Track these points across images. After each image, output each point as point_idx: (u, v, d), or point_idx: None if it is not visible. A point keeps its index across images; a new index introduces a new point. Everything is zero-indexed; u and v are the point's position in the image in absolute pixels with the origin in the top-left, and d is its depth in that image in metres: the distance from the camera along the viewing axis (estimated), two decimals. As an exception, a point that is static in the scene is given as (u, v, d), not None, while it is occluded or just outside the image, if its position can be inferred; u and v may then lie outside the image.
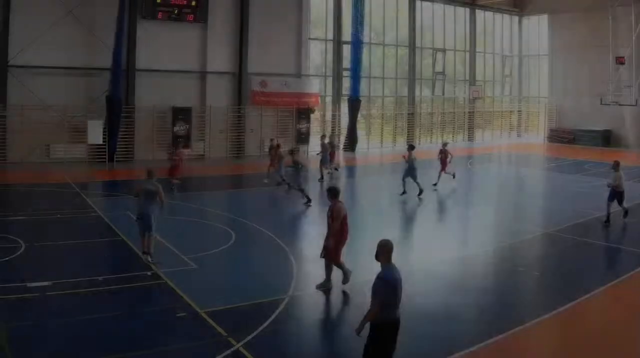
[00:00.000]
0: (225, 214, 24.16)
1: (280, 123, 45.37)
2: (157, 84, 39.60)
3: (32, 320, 12.30)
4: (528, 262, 18.12)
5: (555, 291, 15.52)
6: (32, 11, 35.68)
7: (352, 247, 15.84)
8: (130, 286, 14.67)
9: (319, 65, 49.88)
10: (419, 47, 53.89)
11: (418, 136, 53.69)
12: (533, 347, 12.37)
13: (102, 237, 19.84)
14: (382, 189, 31.91)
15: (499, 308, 14.10)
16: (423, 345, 11.78)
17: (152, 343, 11.58)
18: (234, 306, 13.52)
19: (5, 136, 35.69)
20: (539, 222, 24.18)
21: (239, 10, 43.08)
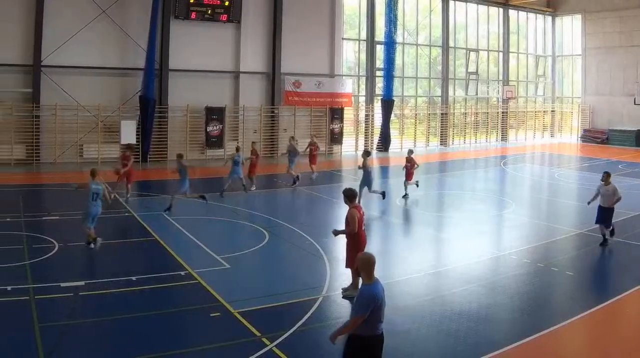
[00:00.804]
0: (258, 214, 23.14)
1: (313, 123, 43.84)
2: (190, 83, 38.43)
3: (65, 320, 11.94)
4: (561, 261, 17.41)
5: (589, 291, 15.27)
6: (65, 11, 34.59)
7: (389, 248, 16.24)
8: (163, 286, 14.29)
9: (352, 66, 48.28)
10: (452, 47, 52.00)
11: (451, 136, 51.98)
12: (567, 348, 11.93)
13: (135, 237, 19.46)
14: (416, 188, 30.21)
15: (533, 309, 13.57)
16: (457, 345, 11.34)
17: (186, 343, 11.20)
18: (267, 306, 13.14)
19: (38, 136, 34.51)
20: (572, 221, 23.27)
21: (272, 10, 41.61)
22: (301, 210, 25.22)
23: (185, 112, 38.46)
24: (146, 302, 13.47)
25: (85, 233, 17.31)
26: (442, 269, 16.07)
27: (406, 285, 14.58)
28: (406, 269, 15.92)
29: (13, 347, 10.77)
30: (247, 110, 40.86)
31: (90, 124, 35.72)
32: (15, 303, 12.83)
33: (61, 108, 34.79)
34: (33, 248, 16.99)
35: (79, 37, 34.61)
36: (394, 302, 12.82)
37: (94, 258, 16.73)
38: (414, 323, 12.23)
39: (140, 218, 21.58)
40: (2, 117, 32.45)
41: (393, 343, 10.44)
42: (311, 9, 43.17)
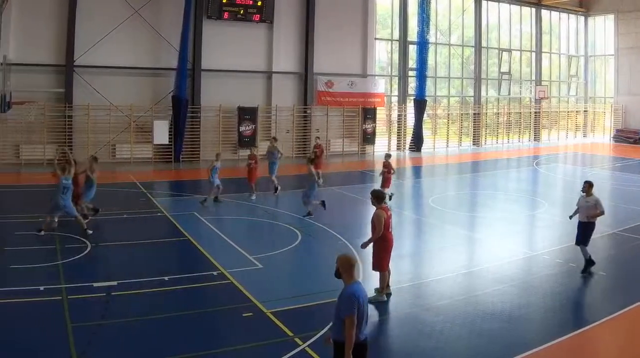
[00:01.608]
0: (291, 214, 22.20)
1: (345, 123, 42.06)
2: (222, 83, 36.94)
3: (98, 320, 11.63)
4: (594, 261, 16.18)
5: (622, 291, 14.41)
6: (98, 12, 33.38)
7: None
8: (196, 286, 13.91)
9: (385, 66, 46.31)
10: (484, 47, 49.73)
11: (484, 136, 49.83)
12: (599, 348, 11.63)
13: (168, 237, 18.79)
14: (448, 188, 30.00)
15: (565, 309, 13.23)
16: (490, 345, 11.04)
17: (218, 344, 10.90)
18: (299, 306, 12.74)
19: (71, 136, 33.23)
20: (605, 221, 21.03)
21: (304, 10, 39.88)
22: (333, 210, 23.57)
23: (218, 112, 36.98)
24: (178, 302, 13.11)
25: (46, 222, 17.66)
26: (474, 269, 15.58)
27: (439, 285, 14.20)
28: (439, 269, 15.45)
29: (46, 347, 10.48)
30: (280, 110, 39.28)
31: (123, 124, 34.43)
32: (47, 303, 12.47)
33: (93, 108, 33.50)
34: (66, 248, 16.46)
35: (112, 37, 33.38)
36: (427, 302, 12.99)
37: (127, 258, 16.19)
38: (446, 323, 11.83)
39: (173, 218, 20.80)
40: (34, 117, 31.27)
41: (427, 344, 10.76)
42: (344, 9, 41.37)
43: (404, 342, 11.35)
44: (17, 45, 31.46)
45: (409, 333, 11.62)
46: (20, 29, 31.69)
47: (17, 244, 16.77)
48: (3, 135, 31.99)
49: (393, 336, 11.91)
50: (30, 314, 11.96)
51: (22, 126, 31.87)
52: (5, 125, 31.79)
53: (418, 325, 11.74)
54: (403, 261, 16.03)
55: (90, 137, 33.58)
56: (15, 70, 29.23)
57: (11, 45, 30.87)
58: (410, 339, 11.35)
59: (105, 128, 33.97)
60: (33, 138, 32.42)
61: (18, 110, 30.11)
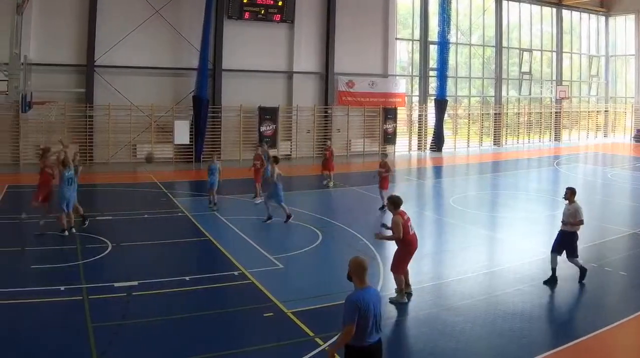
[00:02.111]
0: (312, 214, 21.43)
1: (366, 123, 40.68)
2: (243, 83, 35.78)
3: (119, 320, 11.25)
4: (614, 262, 16.15)
5: None
6: (118, 12, 32.41)
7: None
8: (216, 286, 13.49)
9: (406, 65, 44.76)
10: (505, 47, 48.12)
11: (504, 136, 48.27)
12: (620, 348, 11.21)
13: (189, 237, 18.21)
14: (469, 188, 29.00)
15: (585, 309, 12.87)
16: (510, 345, 10.69)
17: (239, 344, 10.56)
18: (320, 306, 12.24)
19: (92, 136, 32.28)
20: (625, 221, 21.59)
21: (325, 9, 38.57)
22: (354, 210, 23.20)
23: (239, 112, 35.81)
24: (199, 302, 12.70)
25: (61, 221, 17.12)
26: (495, 269, 15.10)
27: (460, 285, 13.74)
28: (460, 269, 14.94)
29: (66, 347, 10.15)
30: (301, 110, 38.01)
31: (144, 124, 33.38)
32: (68, 303, 12.13)
33: (114, 108, 32.50)
34: (86, 248, 15.99)
35: (132, 37, 32.41)
36: (448, 302, 12.60)
37: (148, 258, 15.78)
38: (467, 323, 11.45)
39: (194, 218, 20.17)
40: (55, 117, 30.21)
41: (448, 344, 10.45)
42: (364, 9, 39.97)
43: (425, 342, 10.87)
44: (38, 45, 30.48)
45: (430, 333, 11.15)
46: (40, 28, 30.77)
47: (38, 244, 16.37)
48: (24, 135, 31.06)
49: (413, 336, 11.42)
50: (51, 314, 11.62)
51: (43, 126, 30.83)
52: (26, 125, 30.89)
53: (439, 325, 11.37)
54: (424, 261, 15.52)
55: (110, 137, 32.61)
56: (35, 70, 28.16)
57: (32, 45, 29.83)
58: (431, 339, 10.91)
59: (126, 128, 32.96)
60: (54, 138, 31.34)
61: (39, 110, 29.03)
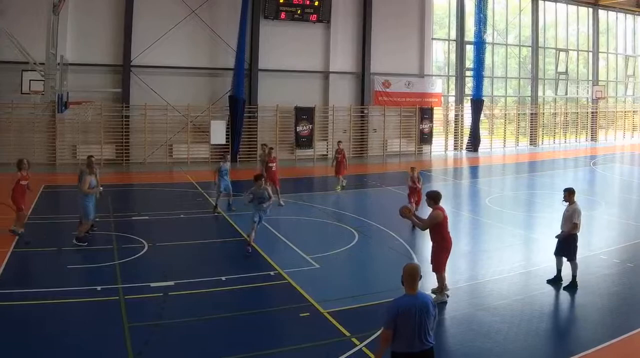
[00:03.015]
0: (348, 214, 20.47)
1: (403, 123, 38.20)
2: (279, 83, 33.63)
3: (155, 320, 10.70)
4: None
5: None
6: (155, 12, 30.52)
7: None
8: (253, 286, 12.81)
9: (442, 65, 42.11)
10: (541, 47, 45.09)
11: (541, 136, 45.32)
12: None
13: (225, 236, 17.42)
14: (505, 188, 27.71)
15: (622, 309, 11.85)
16: (546, 345, 10.17)
17: (275, 344, 10.08)
18: (357, 306, 11.70)
19: (128, 136, 30.43)
20: None
21: (361, 9, 36.17)
22: (391, 210, 21.64)
23: (275, 112, 33.69)
24: (235, 302, 12.13)
25: (85, 229, 15.63)
26: (531, 269, 14.19)
27: (496, 285, 13.02)
28: (496, 269, 14.14)
29: (103, 347, 9.63)
30: (337, 110, 35.69)
31: (180, 123, 31.44)
32: (105, 303, 11.53)
33: (150, 108, 30.60)
34: (122, 248, 15.27)
35: (168, 37, 30.50)
36: (485, 302, 11.97)
37: (184, 258, 14.95)
38: (503, 323, 10.89)
39: (230, 218, 19.13)
40: (92, 117, 28.61)
41: (484, 344, 10.01)
42: (401, 9, 37.50)
43: (461, 341, 10.22)
44: (74, 45, 28.77)
45: (466, 333, 10.52)
46: (77, 29, 29.05)
47: (74, 244, 15.29)
48: (60, 135, 29.33)
49: (450, 336, 10.70)
50: (87, 314, 11.10)
51: (79, 126, 29.18)
52: (62, 125, 29.18)
53: (475, 325, 10.76)
54: (460, 261, 14.70)
55: (147, 137, 30.76)
56: (72, 70, 26.50)
57: (68, 45, 28.08)
58: (467, 339, 10.29)
59: (162, 128, 31.07)
60: (90, 138, 29.72)
61: (75, 110, 27.62)
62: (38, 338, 9.85)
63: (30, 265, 14.13)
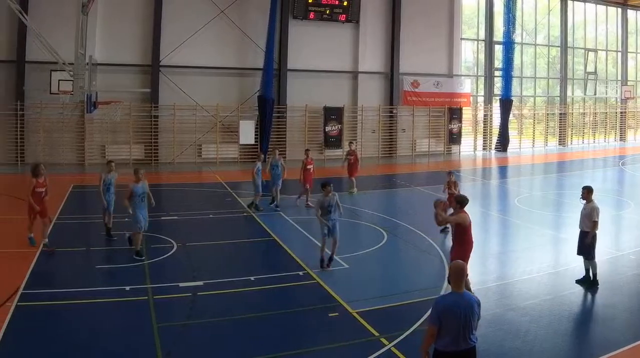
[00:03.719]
0: (377, 214, 19.61)
1: (431, 123, 36.20)
2: (308, 83, 31.87)
3: (184, 320, 10.18)
4: None
5: None
6: (184, 12, 28.96)
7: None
8: (282, 286, 12.27)
9: (471, 66, 39.88)
10: (570, 47, 42.64)
11: (570, 136, 42.84)
12: None
13: (254, 237, 16.59)
14: (534, 188, 26.43)
15: None
16: (575, 345, 9.66)
17: (304, 344, 9.47)
18: (385, 306, 11.14)
19: (157, 136, 28.93)
20: None
21: (390, 9, 34.21)
22: (420, 210, 20.47)
23: (304, 112, 31.93)
24: (264, 302, 11.59)
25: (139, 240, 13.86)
26: (560, 269, 13.55)
27: (525, 285, 12.41)
28: (525, 269, 13.46)
29: (132, 347, 9.16)
30: (366, 110, 33.77)
31: (209, 123, 29.80)
32: (133, 303, 11.08)
33: (179, 108, 29.02)
34: (151, 248, 14.42)
35: (197, 37, 28.94)
36: (514, 302, 11.43)
37: (213, 258, 14.32)
38: (532, 323, 10.33)
39: (259, 218, 18.34)
40: (121, 117, 27.17)
41: (513, 344, 9.45)
42: (430, 9, 35.42)
43: (490, 341, 9.59)
44: (103, 45, 27.33)
45: (495, 333, 9.97)
46: (106, 29, 27.62)
47: (103, 244, 14.97)
48: (89, 136, 27.91)
49: (480, 336, 9.08)
50: (116, 314, 10.60)
51: (108, 126, 27.73)
52: (91, 125, 27.75)
53: (504, 325, 10.30)
54: (489, 261, 14.25)
55: (176, 137, 29.18)
56: (101, 70, 25.16)
57: (97, 45, 26.67)
58: (496, 339, 9.76)
59: (191, 128, 29.48)
60: (119, 138, 28.31)
61: (104, 110, 26.24)
62: (67, 339, 9.38)
63: (59, 265, 13.31)
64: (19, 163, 26.76)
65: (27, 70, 26.67)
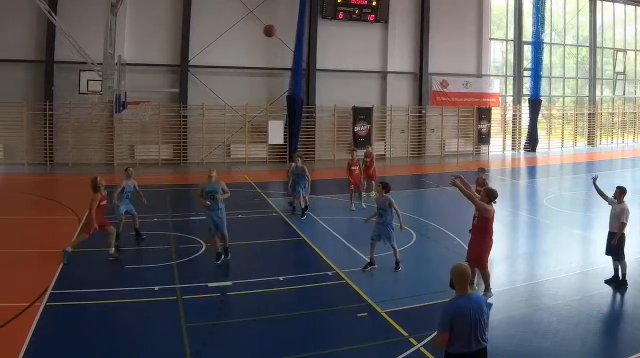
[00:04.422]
0: (406, 214, 17.38)
1: (460, 123, 34.32)
2: (337, 83, 30.06)
3: (213, 321, 9.39)
4: None
5: None
6: (213, 12, 27.39)
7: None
8: (310, 286, 11.50)
9: (500, 65, 37.68)
10: (599, 47, 40.26)
11: (599, 136, 40.45)
12: None
13: (283, 237, 15.84)
14: (563, 188, 25.04)
15: None
16: (604, 345, 9.04)
17: (333, 343, 8.87)
18: (414, 306, 10.22)
19: (186, 136, 27.36)
20: None
21: (419, 10, 32.29)
22: (448, 210, 19.90)
23: (333, 112, 30.20)
24: (293, 302, 10.88)
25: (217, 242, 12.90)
26: (589, 269, 12.65)
27: (554, 285, 11.60)
28: (554, 269, 12.59)
29: (160, 347, 8.50)
30: (395, 110, 31.90)
31: (237, 123, 28.18)
32: (162, 303, 10.37)
33: (208, 108, 27.45)
34: (180, 248, 13.82)
35: (226, 37, 27.39)
36: (543, 303, 10.53)
37: (242, 258, 13.30)
38: (561, 323, 9.50)
39: (288, 218, 17.32)
40: (149, 116, 25.88)
41: (542, 344, 8.80)
42: (458, 9, 33.42)
43: (519, 341, 9.00)
44: (132, 45, 25.93)
45: (524, 333, 9.31)
46: (134, 29, 26.20)
47: (132, 244, 14.09)
48: (118, 135, 26.44)
49: (508, 336, 9.40)
50: (145, 314, 9.92)
51: (137, 126, 26.28)
52: (120, 125, 26.28)
53: (533, 325, 9.60)
54: (518, 261, 13.59)
55: (204, 137, 27.63)
56: (129, 70, 23.82)
57: (126, 45, 25.30)
58: (525, 339, 9.08)
59: (220, 128, 27.88)
60: (147, 138, 26.84)
61: (133, 110, 24.91)
62: (95, 339, 8.85)
63: (88, 265, 12.51)
64: (47, 163, 25.46)
65: (56, 70, 25.38)
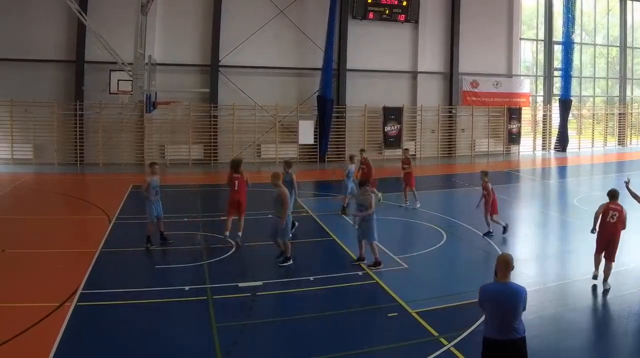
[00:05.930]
0: (436, 214, 17.06)
1: (491, 123, 31.06)
2: (367, 83, 27.16)
3: (243, 321, 8.70)
4: None
5: None
6: (243, 12, 24.78)
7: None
8: (341, 286, 10.36)
9: (530, 66, 34.13)
10: (630, 46, 36.22)
11: (629, 136, 36.49)
12: None
13: (313, 237, 14.45)
14: (594, 188, 22.20)
15: None
16: (635, 344, 8.28)
17: (364, 344, 8.16)
18: (445, 306, 9.32)
19: (216, 136, 24.84)
20: None
21: (449, 9, 29.08)
22: (479, 210, 17.37)
23: (363, 112, 27.26)
24: (323, 302, 9.75)
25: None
26: (620, 269, 10.95)
27: (585, 285, 10.25)
28: (584, 269, 10.92)
29: (191, 347, 7.82)
30: (425, 110, 28.81)
31: (268, 123, 25.53)
32: (193, 303, 9.35)
33: (238, 108, 24.84)
34: (211, 248, 12.63)
35: (256, 37, 24.72)
36: (574, 302, 9.74)
37: (272, 258, 11.84)
38: (592, 323, 9.02)
39: (318, 218, 15.97)
40: (180, 116, 23.61)
41: (573, 343, 8.21)
42: (489, 9, 30.02)
43: (551, 341, 8.01)
44: (162, 45, 23.50)
45: (556, 333, 8.34)
46: (165, 29, 23.75)
47: (162, 244, 12.85)
48: (149, 135, 24.00)
49: (539, 335, 8.03)
50: (175, 314, 8.93)
51: (167, 126, 23.87)
52: (150, 125, 23.85)
53: (564, 325, 8.67)
54: (549, 261, 12.42)
55: (235, 137, 25.05)
56: (160, 70, 21.67)
57: (156, 45, 22.90)
58: (556, 338, 8.14)
59: (250, 128, 25.26)
60: (178, 138, 24.39)
61: (163, 110, 22.66)
62: (125, 339, 8.08)
63: (118, 265, 11.63)
64: (78, 163, 23.19)
65: (87, 70, 23.08)
